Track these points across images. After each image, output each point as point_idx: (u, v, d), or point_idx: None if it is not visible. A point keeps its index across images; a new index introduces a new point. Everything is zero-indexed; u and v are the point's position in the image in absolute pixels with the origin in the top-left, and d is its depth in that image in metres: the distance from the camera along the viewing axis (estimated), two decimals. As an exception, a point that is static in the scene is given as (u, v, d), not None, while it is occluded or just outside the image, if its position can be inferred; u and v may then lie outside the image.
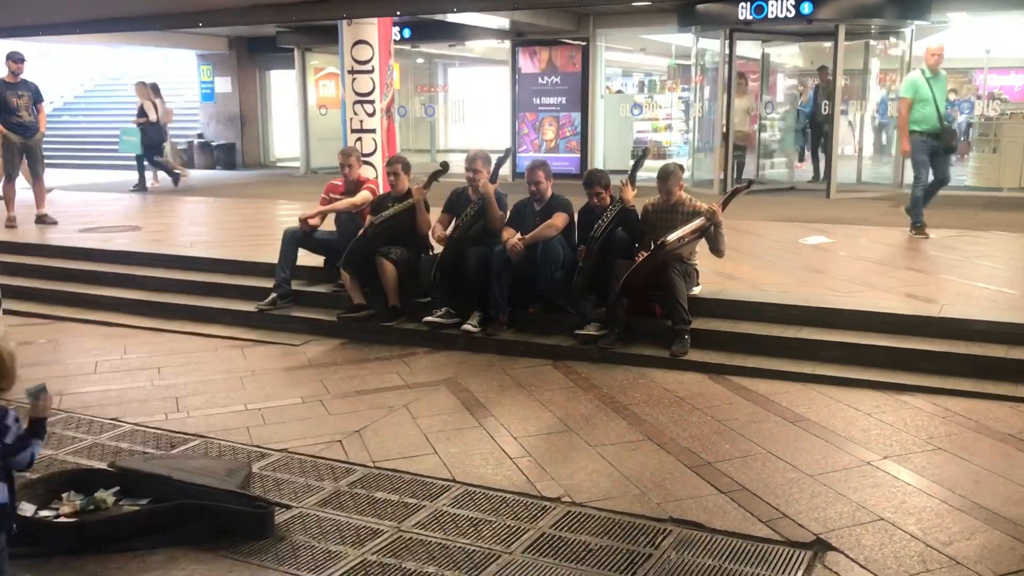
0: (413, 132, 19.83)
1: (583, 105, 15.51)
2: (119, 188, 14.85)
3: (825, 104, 13.64)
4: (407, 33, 15.74)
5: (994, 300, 6.47)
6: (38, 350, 6.77)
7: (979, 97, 14.65)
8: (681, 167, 6.59)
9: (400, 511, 3.95)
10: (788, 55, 16.06)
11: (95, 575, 3.45)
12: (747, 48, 15.19)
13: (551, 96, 15.73)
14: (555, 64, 15.59)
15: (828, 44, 12.92)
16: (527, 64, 15.80)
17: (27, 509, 3.76)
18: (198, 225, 11.23)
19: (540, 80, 15.75)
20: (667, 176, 6.37)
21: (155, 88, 15.30)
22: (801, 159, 15.44)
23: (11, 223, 10.27)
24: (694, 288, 6.45)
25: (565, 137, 15.67)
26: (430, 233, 6.97)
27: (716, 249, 6.34)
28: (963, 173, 13.64)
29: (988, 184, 13.34)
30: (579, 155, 15.59)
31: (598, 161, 15.33)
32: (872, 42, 13.94)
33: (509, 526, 3.81)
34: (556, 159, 14.87)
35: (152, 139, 14.93)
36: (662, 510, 3.95)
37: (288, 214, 11.32)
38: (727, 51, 13.29)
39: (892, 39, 13.86)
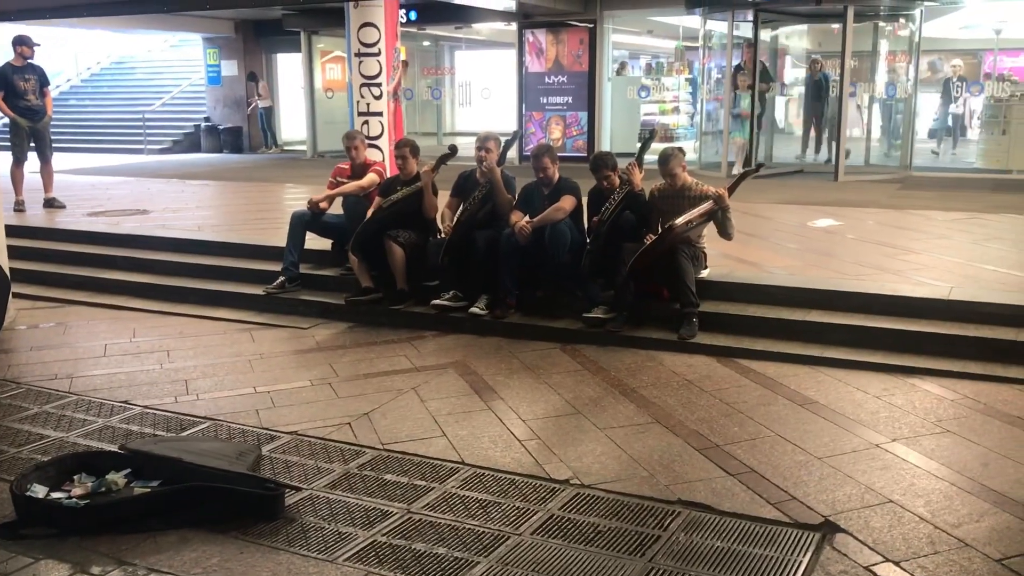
0: (420, 116, 19.79)
1: (590, 87, 15.42)
2: (125, 172, 14.83)
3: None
4: (413, 15, 15.67)
5: (1003, 283, 6.44)
6: (47, 333, 6.80)
7: (989, 78, 14.54)
8: (681, 150, 6.57)
9: (409, 493, 3.97)
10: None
11: (107, 556, 3.47)
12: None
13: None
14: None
15: (836, 26, 12.82)
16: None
17: (39, 491, 3.79)
18: (205, 209, 11.22)
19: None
20: (667, 159, 6.35)
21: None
22: None
23: (19, 207, 10.27)
24: (702, 271, 6.44)
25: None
26: (438, 219, 6.95)
27: (725, 232, 6.32)
28: (972, 155, 13.55)
29: (997, 166, 13.28)
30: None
31: (605, 143, 15.28)
32: (881, 24, 13.82)
33: (518, 508, 3.82)
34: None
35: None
36: (671, 492, 3.96)
37: (295, 197, 11.33)
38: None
39: (902, 20, 13.75)
